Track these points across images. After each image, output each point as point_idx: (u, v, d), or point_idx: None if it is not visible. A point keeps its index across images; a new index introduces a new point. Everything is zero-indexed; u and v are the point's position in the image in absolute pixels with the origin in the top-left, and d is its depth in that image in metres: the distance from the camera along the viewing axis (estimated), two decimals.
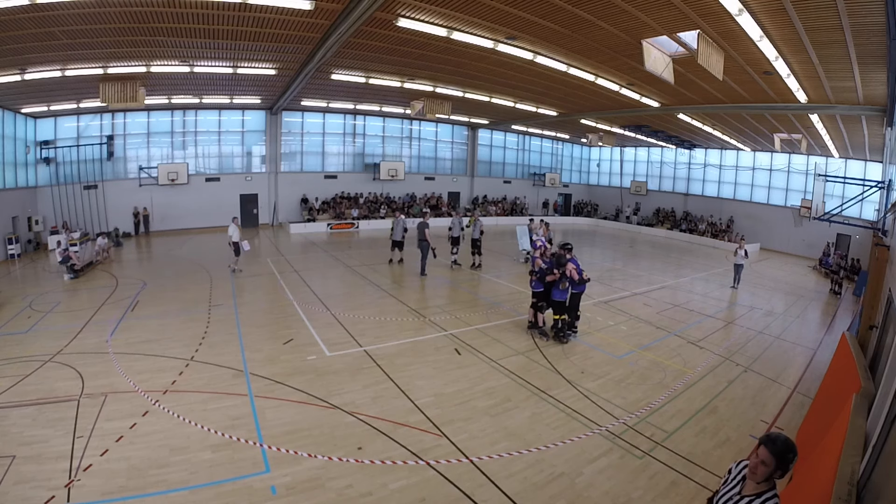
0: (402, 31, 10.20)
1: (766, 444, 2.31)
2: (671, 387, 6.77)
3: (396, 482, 4.39)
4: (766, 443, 2.32)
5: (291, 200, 23.31)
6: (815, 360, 8.48)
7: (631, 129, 22.71)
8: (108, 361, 6.81)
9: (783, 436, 2.35)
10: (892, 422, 3.03)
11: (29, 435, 4.84)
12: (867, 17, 6.97)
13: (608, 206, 32.71)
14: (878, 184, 12.36)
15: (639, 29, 9.00)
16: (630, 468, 4.80)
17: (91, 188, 18.49)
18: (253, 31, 10.34)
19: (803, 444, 5.18)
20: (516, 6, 8.51)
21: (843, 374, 5.65)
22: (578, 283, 8.20)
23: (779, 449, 2.28)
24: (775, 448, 2.28)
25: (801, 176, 22.96)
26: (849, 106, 12.31)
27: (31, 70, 11.86)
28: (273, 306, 10.03)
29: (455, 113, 20.21)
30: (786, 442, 2.30)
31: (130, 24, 9.37)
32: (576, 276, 8.08)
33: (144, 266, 14.44)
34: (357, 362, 7.13)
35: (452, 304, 10.54)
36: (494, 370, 7.05)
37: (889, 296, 6.06)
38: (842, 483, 2.90)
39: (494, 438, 5.21)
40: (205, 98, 18.57)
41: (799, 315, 11.78)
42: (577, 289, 8.34)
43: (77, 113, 17.79)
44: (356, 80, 15.30)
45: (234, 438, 4.96)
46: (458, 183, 29.19)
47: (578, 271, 8.21)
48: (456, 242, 14.20)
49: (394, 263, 14.43)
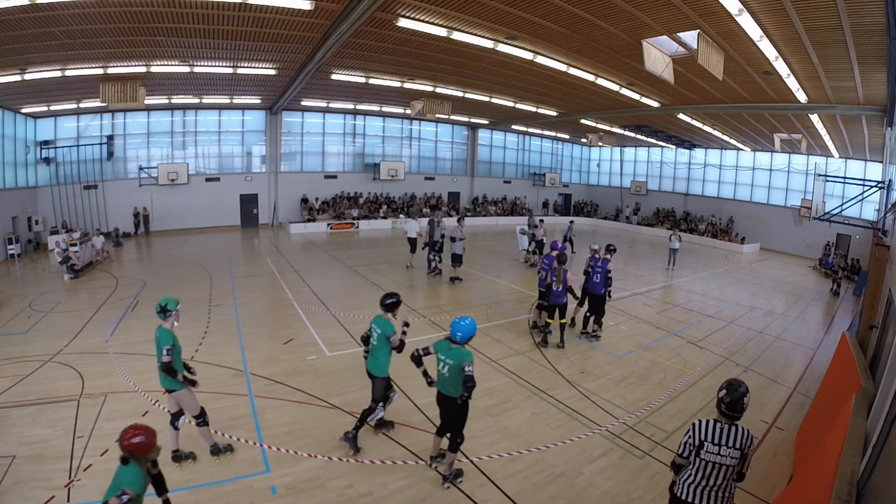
0: (401, 31, 10.20)
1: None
2: (671, 387, 6.78)
3: (396, 482, 4.39)
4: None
5: (291, 200, 23.30)
6: (815, 360, 8.48)
7: (631, 129, 22.71)
8: (108, 361, 6.81)
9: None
10: (892, 422, 3.02)
11: (29, 435, 4.85)
12: (867, 17, 6.96)
13: (608, 206, 32.70)
14: (878, 184, 12.33)
15: (639, 29, 9.00)
16: (630, 468, 4.80)
17: (91, 188, 18.49)
18: (253, 31, 10.34)
19: (803, 443, 5.18)
20: (516, 6, 8.51)
21: (843, 374, 5.65)
22: (560, 290, 7.78)
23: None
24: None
25: (801, 176, 22.96)
26: (849, 106, 12.31)
27: (31, 70, 11.86)
28: (273, 306, 10.04)
29: (455, 113, 20.20)
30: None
31: (130, 24, 9.37)
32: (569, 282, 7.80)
33: (144, 266, 14.44)
34: (357, 362, 7.10)
35: (453, 304, 10.54)
36: (494, 370, 7.05)
37: (889, 296, 6.06)
38: (842, 483, 2.90)
39: (494, 438, 5.21)
40: (205, 98, 18.57)
41: (799, 315, 11.79)
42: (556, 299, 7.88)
43: (77, 113, 17.78)
44: (356, 80, 15.29)
45: (234, 438, 4.96)
46: (458, 183, 29.19)
47: (546, 265, 8.22)
48: (433, 248, 12.94)
49: (435, 273, 13.02)
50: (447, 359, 4.23)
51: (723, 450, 2.91)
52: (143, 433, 2.82)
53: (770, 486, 4.62)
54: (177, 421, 4.48)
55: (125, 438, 2.78)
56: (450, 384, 4.23)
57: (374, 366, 4.80)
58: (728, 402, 2.93)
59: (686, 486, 3.04)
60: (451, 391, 4.23)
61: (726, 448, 2.90)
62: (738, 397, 2.91)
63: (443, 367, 4.27)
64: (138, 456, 2.81)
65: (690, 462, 3.03)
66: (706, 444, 2.95)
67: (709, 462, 2.94)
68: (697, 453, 2.98)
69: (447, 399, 4.31)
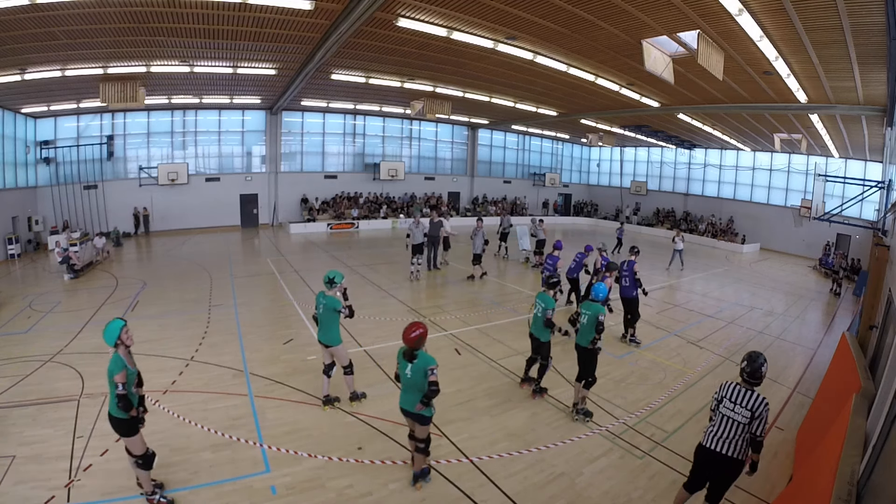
0: (402, 31, 10.20)
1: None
2: (671, 387, 6.78)
3: (396, 482, 4.39)
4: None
5: (291, 200, 23.30)
6: (815, 360, 8.48)
7: (631, 129, 22.71)
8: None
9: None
10: (892, 422, 3.02)
11: (29, 435, 4.85)
12: (867, 17, 6.97)
13: (608, 206, 32.69)
14: (878, 184, 12.33)
15: (639, 29, 9.00)
16: (630, 468, 4.80)
17: (91, 188, 18.50)
18: (253, 31, 10.34)
19: (803, 443, 5.18)
20: (516, 6, 8.51)
21: (843, 374, 5.65)
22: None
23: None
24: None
25: (801, 176, 22.95)
26: (849, 106, 12.31)
27: (31, 70, 11.87)
28: (273, 306, 10.04)
29: (455, 113, 20.19)
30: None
31: (130, 24, 9.37)
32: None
33: (144, 266, 14.44)
34: (357, 362, 7.10)
35: (453, 304, 10.53)
36: (494, 370, 7.05)
37: (889, 296, 6.06)
38: (842, 483, 2.90)
39: (494, 438, 5.21)
40: (205, 98, 18.57)
41: (799, 315, 11.79)
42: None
43: (77, 113, 17.79)
44: (356, 80, 15.29)
45: (234, 438, 4.97)
46: (458, 183, 29.19)
47: (549, 265, 8.56)
48: (418, 251, 12.39)
49: (476, 279, 12.69)
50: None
51: (737, 408, 3.48)
52: (420, 328, 4.10)
53: (770, 486, 4.62)
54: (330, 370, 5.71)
55: (408, 335, 4.05)
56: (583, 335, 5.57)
57: (535, 328, 6.06)
58: (749, 371, 3.50)
59: (709, 436, 3.63)
60: (581, 341, 5.59)
61: (739, 407, 3.47)
62: (757, 367, 3.49)
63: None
64: (420, 346, 4.07)
65: (715, 415, 3.64)
66: (725, 400, 3.57)
67: (725, 416, 3.54)
68: (718, 407, 3.61)
69: (579, 349, 5.63)
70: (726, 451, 3.49)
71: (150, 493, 3.93)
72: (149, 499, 3.94)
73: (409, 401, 4.11)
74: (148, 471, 3.92)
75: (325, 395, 5.72)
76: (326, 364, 5.67)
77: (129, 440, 3.83)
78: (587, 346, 5.48)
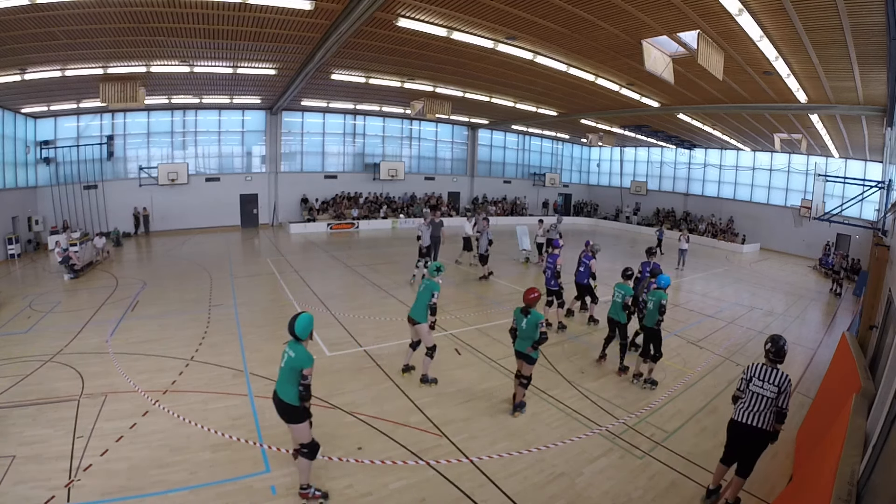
0: (402, 31, 10.20)
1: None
2: (671, 387, 6.78)
3: (396, 482, 4.39)
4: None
5: (291, 200, 23.30)
6: (815, 360, 8.48)
7: (631, 129, 22.71)
8: (108, 361, 6.81)
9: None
10: (892, 422, 3.02)
11: (29, 435, 4.84)
12: (867, 17, 6.97)
13: (608, 206, 32.70)
14: (878, 184, 12.33)
15: (639, 29, 9.00)
16: (630, 468, 4.81)
17: (91, 188, 18.49)
18: (253, 31, 10.34)
19: (803, 444, 5.18)
20: (516, 6, 8.51)
21: (843, 374, 5.65)
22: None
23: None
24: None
25: (801, 176, 22.96)
26: (849, 106, 12.31)
27: (31, 70, 11.86)
28: (273, 306, 10.04)
29: (455, 113, 20.19)
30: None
31: (130, 24, 9.37)
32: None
33: (144, 266, 14.44)
34: (357, 362, 7.14)
35: (453, 304, 10.52)
36: (494, 370, 7.05)
37: (889, 296, 6.06)
38: (842, 483, 2.90)
39: (494, 438, 5.21)
40: (205, 98, 18.57)
41: (799, 315, 11.79)
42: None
43: (77, 113, 17.78)
44: (356, 80, 15.29)
45: (234, 438, 4.97)
46: (458, 183, 29.19)
47: (550, 263, 8.85)
48: (426, 254, 12.06)
49: (484, 279, 12.75)
50: None
51: (765, 385, 3.99)
52: (537, 292, 5.43)
53: (770, 486, 4.62)
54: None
55: (528, 296, 5.40)
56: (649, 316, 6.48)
57: (614, 312, 7.03)
58: (774, 351, 4.04)
59: (740, 411, 4.12)
60: (647, 321, 6.54)
61: (767, 384, 3.98)
62: (780, 346, 4.04)
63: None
64: (534, 305, 5.40)
65: (744, 394, 4.11)
66: (754, 378, 4.06)
67: (755, 393, 4.03)
68: (748, 386, 4.08)
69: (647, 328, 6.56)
70: (756, 422, 3.99)
71: (306, 485, 4.05)
72: (302, 492, 4.06)
73: (523, 346, 5.47)
74: (311, 461, 4.03)
75: (405, 364, 6.68)
76: (414, 341, 6.54)
77: (298, 427, 3.98)
78: (653, 326, 6.38)
